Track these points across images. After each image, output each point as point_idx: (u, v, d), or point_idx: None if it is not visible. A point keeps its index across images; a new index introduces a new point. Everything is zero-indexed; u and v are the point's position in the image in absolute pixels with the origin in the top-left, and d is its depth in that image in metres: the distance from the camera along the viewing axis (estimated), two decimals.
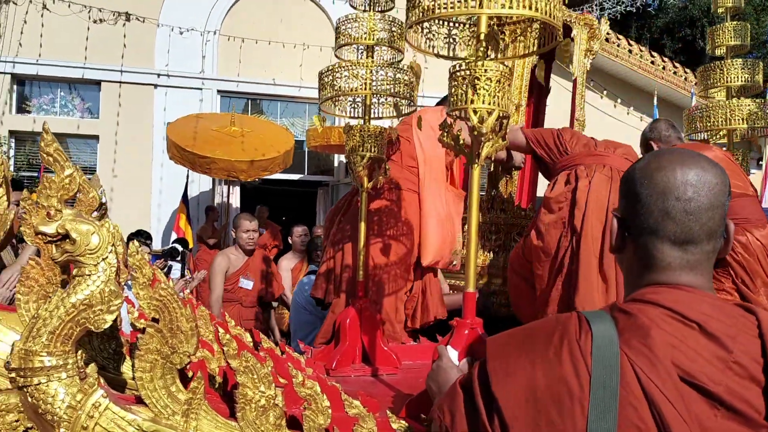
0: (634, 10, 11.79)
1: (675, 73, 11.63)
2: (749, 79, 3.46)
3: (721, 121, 3.47)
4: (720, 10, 3.65)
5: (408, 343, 2.87)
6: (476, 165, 1.84)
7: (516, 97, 3.54)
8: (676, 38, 18.64)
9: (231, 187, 9.93)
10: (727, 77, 3.52)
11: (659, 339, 0.98)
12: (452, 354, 1.67)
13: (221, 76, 10.47)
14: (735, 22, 3.62)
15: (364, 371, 2.55)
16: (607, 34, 11.23)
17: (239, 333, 2.29)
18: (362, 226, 2.65)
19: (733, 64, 3.61)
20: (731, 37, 3.57)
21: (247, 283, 4.94)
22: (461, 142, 1.87)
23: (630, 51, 11.41)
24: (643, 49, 11.78)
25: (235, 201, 9.98)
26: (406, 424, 1.61)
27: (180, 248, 7.96)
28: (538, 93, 3.91)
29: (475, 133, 1.79)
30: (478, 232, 1.88)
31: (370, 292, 2.77)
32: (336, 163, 11.17)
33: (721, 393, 0.94)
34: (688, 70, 11.58)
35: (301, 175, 11.27)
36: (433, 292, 2.96)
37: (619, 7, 12.39)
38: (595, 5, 10.27)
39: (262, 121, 10.02)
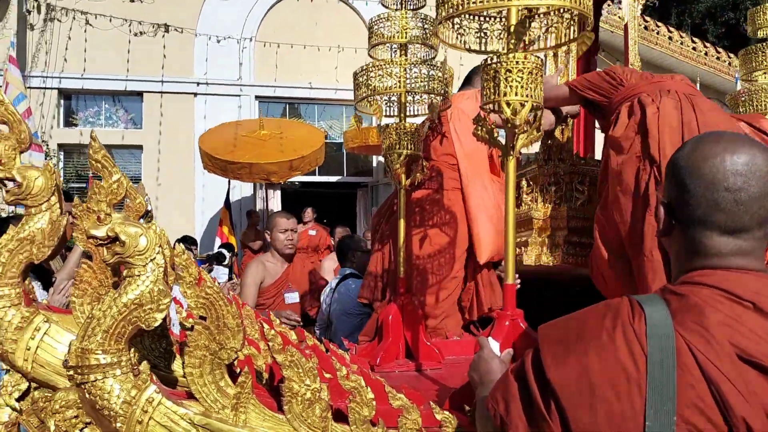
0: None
1: (718, 58, 11.34)
2: None
3: (766, 104, 3.39)
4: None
5: (463, 337, 2.90)
6: (511, 157, 1.85)
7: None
8: (718, 23, 18.11)
9: (272, 191, 10.08)
10: None
11: (714, 318, 0.98)
12: (494, 345, 1.68)
13: (258, 81, 10.64)
14: None
15: (408, 366, 2.57)
16: (646, 21, 11.00)
17: (284, 330, 2.34)
18: (401, 223, 2.67)
19: None
20: None
21: (292, 297, 4.09)
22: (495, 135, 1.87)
23: (670, 38, 11.16)
24: (683, 35, 11.51)
25: (276, 205, 10.13)
26: (450, 416, 1.63)
27: (227, 253, 8.13)
28: (587, 50, 3.68)
29: (509, 125, 1.80)
30: (515, 226, 1.89)
31: (413, 287, 2.79)
32: (375, 164, 11.22)
33: None
34: (732, 55, 11.26)
35: (340, 177, 11.36)
36: (487, 284, 2.92)
37: None
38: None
39: (291, 122, 10.17)
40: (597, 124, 3.68)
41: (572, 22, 1.90)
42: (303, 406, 1.51)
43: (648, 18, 11.41)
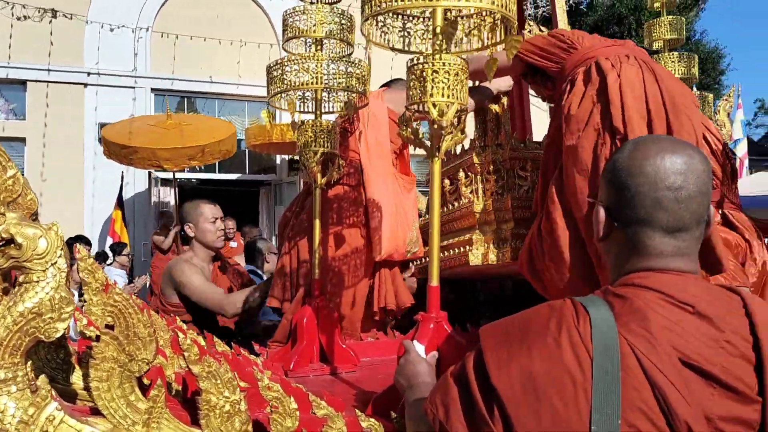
0: (567, 8, 12.16)
1: None
2: (685, 71, 3.58)
3: None
4: (656, 5, 3.77)
5: (374, 337, 2.85)
6: (437, 159, 1.83)
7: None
8: (604, 35, 19.23)
9: (168, 188, 9.65)
10: None
11: (656, 322, 0.99)
12: (419, 348, 1.66)
13: (155, 73, 10.17)
14: (671, 17, 3.75)
15: (323, 370, 2.50)
16: (541, 31, 11.46)
17: (195, 337, 2.21)
18: (317, 223, 2.60)
19: (669, 57, 3.75)
20: (667, 31, 3.70)
21: None
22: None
23: None
24: None
25: (172, 202, 9.72)
26: (376, 423, 1.58)
27: (110, 253, 7.68)
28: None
29: (435, 126, 1.78)
30: (439, 225, 1.87)
31: (327, 288, 2.72)
32: (278, 162, 11.01)
33: (717, 372, 0.97)
34: None
35: (241, 174, 11.07)
36: (389, 283, 2.86)
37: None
38: (530, 3, 10.47)
39: (202, 116, 9.81)
40: (533, 99, 3.41)
41: (496, 26, 1.91)
42: (222, 419, 1.42)
43: (544, 28, 11.87)
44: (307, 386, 1.96)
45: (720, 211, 2.92)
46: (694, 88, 3.86)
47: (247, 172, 11.14)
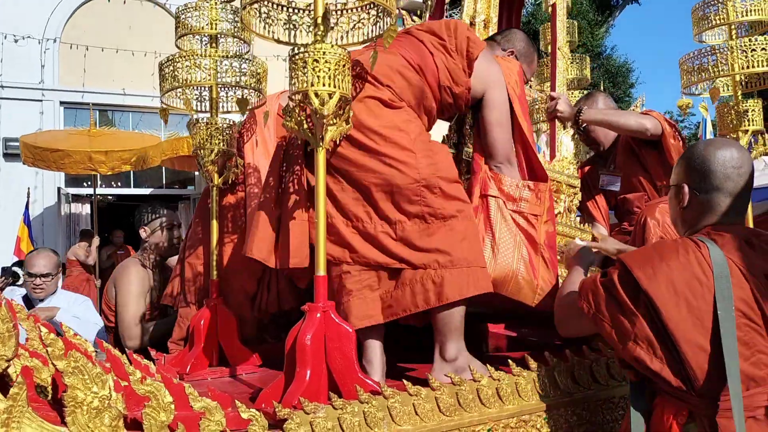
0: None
1: None
2: (578, 72, 3.74)
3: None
4: (550, 10, 3.91)
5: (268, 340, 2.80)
6: (321, 149, 1.83)
7: (484, 12, 3.02)
8: None
9: (79, 204, 9.27)
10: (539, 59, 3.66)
11: (742, 249, 1.58)
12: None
13: (64, 86, 9.77)
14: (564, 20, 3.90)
15: (222, 373, 2.44)
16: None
17: (80, 341, 2.11)
18: (214, 224, 2.55)
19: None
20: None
21: None
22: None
23: None
24: None
25: (85, 219, 9.33)
26: (258, 413, 1.55)
27: (20, 272, 7.29)
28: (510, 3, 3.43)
29: (317, 116, 1.78)
30: (325, 219, 1.87)
31: (223, 291, 2.65)
32: (197, 174, 10.76)
33: None
34: None
35: (159, 189, 10.76)
36: (274, 285, 2.78)
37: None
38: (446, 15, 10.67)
39: (123, 131, 9.54)
40: None
41: (379, 18, 1.94)
42: (90, 416, 1.35)
43: (416, 18, 12.11)
44: (202, 389, 1.91)
45: None
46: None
47: (164, 186, 10.84)
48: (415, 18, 3.51)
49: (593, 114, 3.00)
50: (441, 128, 2.82)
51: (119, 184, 10.57)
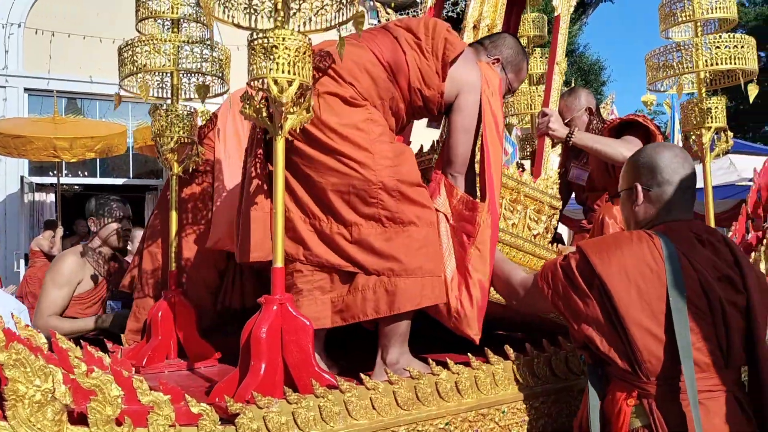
0: (455, 16, 12.45)
1: None
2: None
3: (524, 107, 3.75)
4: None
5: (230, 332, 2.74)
6: (279, 137, 1.79)
7: (491, 17, 2.90)
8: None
9: (43, 194, 9.05)
10: (529, 66, 3.70)
11: (691, 242, 1.70)
12: None
13: (28, 72, 9.51)
14: (534, 14, 3.90)
15: (180, 366, 2.39)
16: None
17: (32, 335, 2.04)
18: (173, 214, 2.49)
19: (533, 54, 3.92)
20: (530, 28, 3.85)
21: (118, 308, 3.28)
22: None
23: None
24: None
25: (49, 208, 9.12)
26: (209, 407, 1.51)
27: None
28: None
29: (276, 103, 1.74)
30: (283, 209, 1.83)
31: (184, 282, 2.60)
32: None
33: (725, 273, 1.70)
34: None
35: (126, 180, 10.56)
36: (238, 281, 2.70)
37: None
38: (420, 11, 10.65)
39: (89, 119, 9.31)
40: None
41: (342, 5, 1.90)
42: (31, 409, 1.31)
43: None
44: (157, 382, 1.86)
45: None
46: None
47: (131, 176, 10.65)
48: (389, 11, 3.45)
49: (585, 139, 2.95)
50: (434, 134, 2.75)
51: (86, 173, 10.35)
